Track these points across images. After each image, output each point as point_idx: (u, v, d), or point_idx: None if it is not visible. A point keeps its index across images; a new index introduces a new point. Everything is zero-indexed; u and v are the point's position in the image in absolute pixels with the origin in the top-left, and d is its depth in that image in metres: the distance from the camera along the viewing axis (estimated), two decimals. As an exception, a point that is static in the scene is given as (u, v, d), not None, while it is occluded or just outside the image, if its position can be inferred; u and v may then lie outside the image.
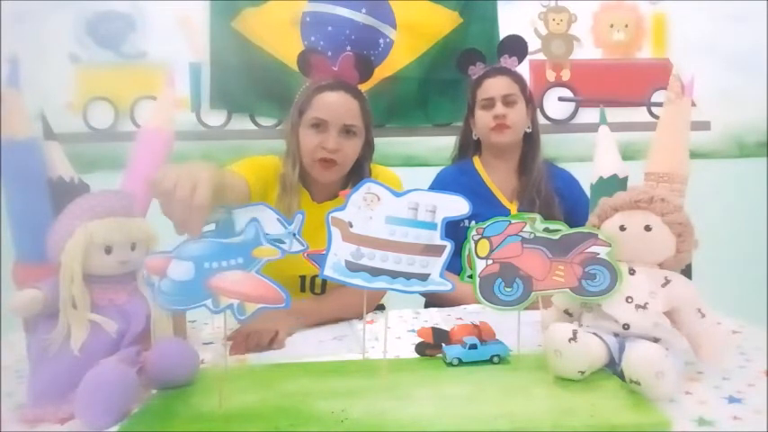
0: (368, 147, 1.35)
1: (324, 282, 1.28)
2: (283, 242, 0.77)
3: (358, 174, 1.33)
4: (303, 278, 1.28)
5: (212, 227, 0.77)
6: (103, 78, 2.05)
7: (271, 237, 0.77)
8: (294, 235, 0.77)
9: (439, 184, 1.57)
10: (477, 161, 1.61)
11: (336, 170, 1.28)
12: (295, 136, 1.30)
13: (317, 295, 1.30)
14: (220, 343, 1.06)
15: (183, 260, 0.74)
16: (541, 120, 2.11)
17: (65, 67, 2.03)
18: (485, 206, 1.49)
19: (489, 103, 1.53)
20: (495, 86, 1.53)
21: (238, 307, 0.74)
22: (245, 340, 1.01)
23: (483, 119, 1.54)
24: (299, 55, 1.35)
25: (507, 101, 1.52)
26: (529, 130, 1.57)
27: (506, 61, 1.58)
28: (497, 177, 1.58)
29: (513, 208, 1.53)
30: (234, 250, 0.75)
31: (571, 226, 0.88)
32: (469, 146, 1.64)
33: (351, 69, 1.30)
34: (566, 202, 1.52)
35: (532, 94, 1.62)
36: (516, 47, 1.60)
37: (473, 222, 0.88)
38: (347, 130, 1.27)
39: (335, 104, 1.26)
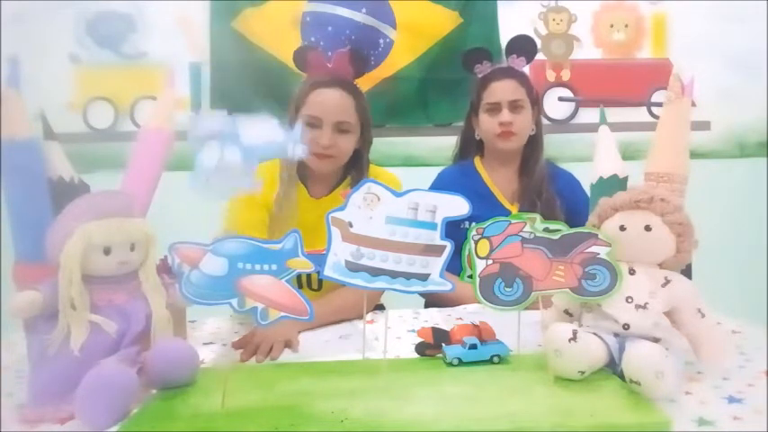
0: (364, 140, 1.37)
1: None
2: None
3: (356, 165, 1.37)
4: (299, 275, 1.28)
5: (219, 134, 0.77)
6: (103, 78, 2.06)
7: (276, 142, 0.78)
8: (295, 142, 0.78)
9: (440, 185, 1.55)
10: (478, 162, 1.60)
11: (331, 162, 1.32)
12: None
13: (315, 291, 1.30)
14: (220, 343, 1.06)
15: (218, 255, 0.75)
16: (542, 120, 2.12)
17: (65, 67, 2.03)
18: (486, 208, 1.47)
19: (495, 108, 1.49)
20: (503, 91, 1.49)
21: (262, 311, 0.75)
22: (256, 350, 1.00)
23: (488, 124, 1.51)
24: (295, 51, 1.37)
25: (514, 106, 1.48)
26: (532, 133, 1.55)
27: (514, 61, 1.53)
28: (498, 179, 1.56)
29: (514, 210, 1.51)
30: (270, 256, 0.76)
31: (572, 226, 0.88)
32: (471, 145, 1.62)
33: (346, 65, 1.32)
34: (567, 204, 1.50)
35: (538, 94, 1.59)
36: (525, 47, 1.54)
37: (473, 224, 0.88)
38: (340, 128, 1.29)
39: (329, 102, 1.29)
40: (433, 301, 1.40)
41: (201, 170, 0.75)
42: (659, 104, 2.05)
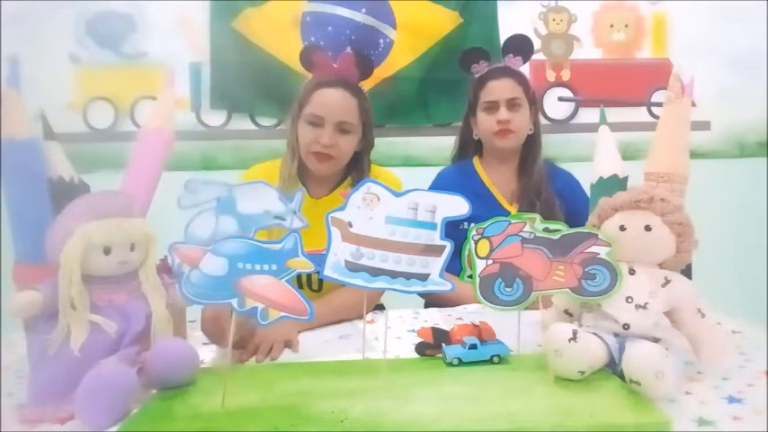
0: (366, 141, 1.38)
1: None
2: (284, 219, 0.78)
3: (357, 167, 1.37)
4: (299, 275, 1.28)
5: (214, 203, 0.77)
6: (103, 78, 2.05)
7: (273, 213, 0.78)
8: (295, 212, 0.78)
9: (438, 185, 1.55)
10: (477, 162, 1.60)
11: (331, 164, 1.32)
12: (295, 129, 1.35)
13: (315, 292, 1.30)
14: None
15: (218, 255, 0.75)
16: (541, 120, 2.12)
17: (65, 67, 2.02)
18: (485, 208, 1.46)
19: (493, 106, 1.49)
20: (500, 89, 1.50)
21: (262, 311, 0.75)
22: (256, 350, 1.00)
23: (486, 122, 1.51)
24: (301, 51, 1.38)
25: (512, 104, 1.49)
26: (531, 132, 1.55)
27: (510, 61, 1.54)
28: (498, 179, 1.56)
29: (514, 210, 1.51)
30: (270, 256, 0.76)
31: (571, 226, 0.88)
32: (470, 145, 1.62)
33: (351, 68, 1.34)
34: (566, 204, 1.50)
35: (535, 94, 1.59)
36: (522, 46, 1.55)
37: (472, 224, 0.88)
38: (342, 128, 1.30)
39: (332, 102, 1.30)
40: (432, 301, 1.40)
41: (193, 240, 0.75)
42: (659, 104, 2.05)
